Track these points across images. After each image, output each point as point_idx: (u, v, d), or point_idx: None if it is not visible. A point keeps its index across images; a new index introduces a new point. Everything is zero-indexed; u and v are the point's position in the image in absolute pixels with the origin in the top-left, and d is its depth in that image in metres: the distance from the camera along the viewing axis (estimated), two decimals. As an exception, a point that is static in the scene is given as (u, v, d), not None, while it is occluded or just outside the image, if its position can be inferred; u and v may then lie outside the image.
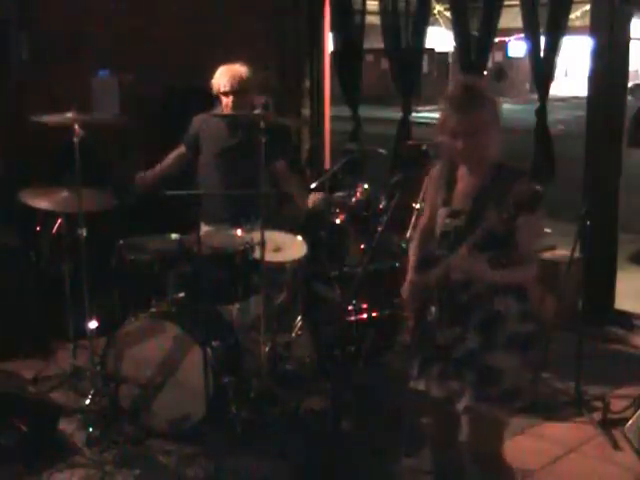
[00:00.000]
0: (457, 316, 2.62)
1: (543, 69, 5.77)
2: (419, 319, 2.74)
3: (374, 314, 4.56)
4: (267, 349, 4.20)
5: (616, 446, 3.76)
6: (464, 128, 2.54)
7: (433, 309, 2.65)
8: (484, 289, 2.57)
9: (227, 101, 4.37)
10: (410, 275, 2.81)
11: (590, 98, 5.37)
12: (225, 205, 4.45)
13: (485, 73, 6.89)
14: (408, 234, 4.56)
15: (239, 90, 4.34)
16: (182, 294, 3.99)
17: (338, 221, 4.97)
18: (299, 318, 4.98)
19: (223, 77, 4.36)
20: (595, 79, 5.28)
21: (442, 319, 2.64)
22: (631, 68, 5.31)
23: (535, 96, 5.94)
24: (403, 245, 4.83)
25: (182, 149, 4.62)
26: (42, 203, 4.01)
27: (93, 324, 4.06)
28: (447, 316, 2.63)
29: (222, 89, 4.36)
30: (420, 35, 6.90)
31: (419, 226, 2.95)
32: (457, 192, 2.69)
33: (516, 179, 2.48)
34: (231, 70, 4.37)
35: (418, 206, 4.46)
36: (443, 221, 2.69)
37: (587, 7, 6.49)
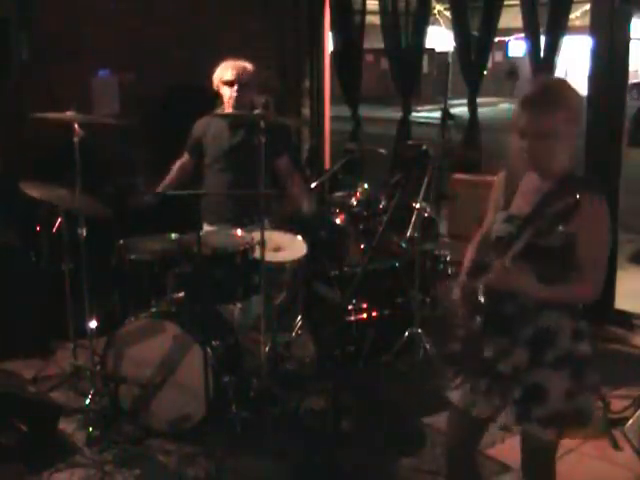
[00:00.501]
0: (503, 328, 2.48)
1: (543, 69, 5.77)
2: (466, 327, 2.60)
3: (374, 314, 4.57)
4: (267, 349, 4.21)
5: (616, 446, 3.76)
6: (533, 129, 2.38)
7: (478, 318, 2.51)
8: (532, 302, 2.44)
9: (231, 91, 4.32)
10: (461, 279, 2.67)
11: (590, 98, 5.37)
12: (228, 205, 4.45)
13: (485, 73, 6.90)
14: (408, 234, 4.57)
15: (243, 82, 4.31)
16: (182, 294, 3.99)
17: (338, 221, 4.98)
18: (299, 318, 4.98)
19: (227, 68, 4.34)
20: (595, 79, 5.28)
21: (487, 330, 2.50)
22: (631, 68, 5.30)
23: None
24: (403, 245, 4.84)
25: (185, 158, 4.61)
26: (41, 194, 4.00)
27: (93, 324, 4.06)
28: (492, 327, 2.49)
29: (225, 78, 4.32)
30: (420, 35, 6.92)
31: (481, 229, 2.79)
32: (518, 197, 2.54)
33: (582, 191, 2.29)
34: (235, 63, 4.35)
35: (418, 206, 4.46)
36: (499, 225, 2.56)
37: (587, 7, 6.49)
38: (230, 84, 4.33)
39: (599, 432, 3.79)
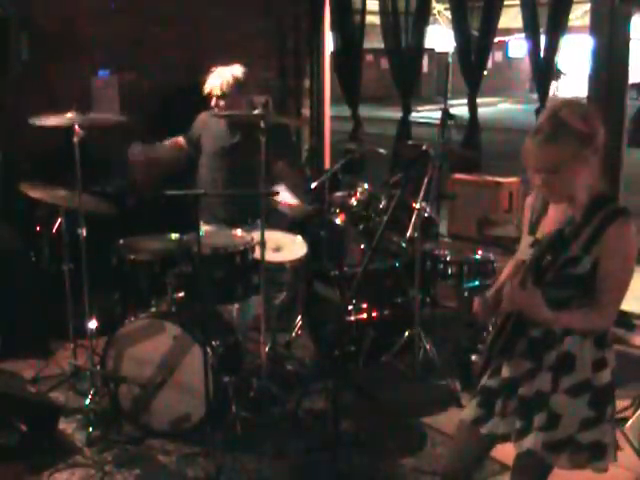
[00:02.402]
0: (528, 351, 2.43)
1: (543, 69, 5.77)
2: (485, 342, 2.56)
3: (374, 314, 4.57)
4: (267, 349, 4.21)
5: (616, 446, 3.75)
6: (542, 164, 2.29)
7: (490, 335, 2.48)
8: (558, 327, 2.38)
9: (217, 103, 4.39)
10: (488, 294, 2.59)
11: (590, 98, 5.37)
12: (225, 205, 4.46)
13: (485, 73, 6.90)
14: (408, 234, 4.56)
15: (229, 94, 4.34)
16: (182, 294, 3.99)
17: (338, 221, 4.98)
18: (299, 318, 4.99)
19: (214, 80, 4.37)
20: (595, 79, 5.28)
21: (511, 351, 2.45)
22: (631, 68, 5.30)
23: (535, 96, 5.94)
24: (403, 245, 4.84)
25: (181, 139, 4.60)
26: (41, 195, 4.00)
27: (93, 324, 4.06)
28: (518, 349, 2.44)
29: (213, 92, 4.37)
30: (420, 35, 6.91)
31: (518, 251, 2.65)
32: (545, 221, 2.46)
33: (610, 221, 2.27)
34: (221, 73, 4.37)
35: (418, 206, 4.46)
36: (525, 249, 2.46)
37: (587, 7, 6.49)
38: (217, 97, 4.37)
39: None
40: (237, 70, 4.40)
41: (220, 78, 4.35)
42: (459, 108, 8.34)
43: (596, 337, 2.40)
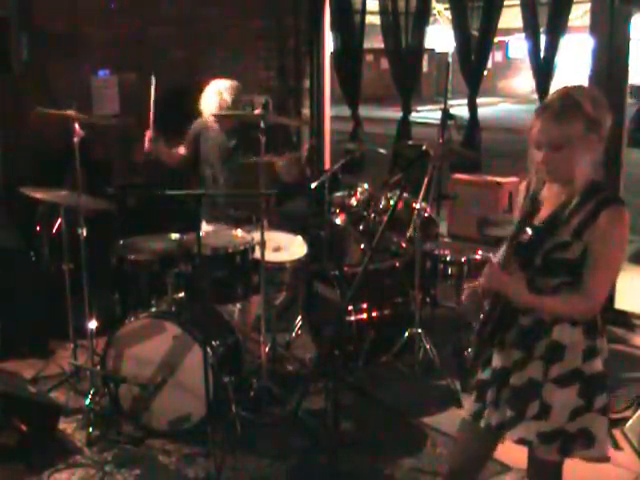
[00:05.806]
0: (519, 340, 2.42)
1: (543, 69, 5.77)
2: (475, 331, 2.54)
3: (374, 314, 4.57)
4: (267, 349, 4.21)
5: (616, 446, 3.75)
6: (547, 140, 2.28)
7: (478, 323, 2.46)
8: (547, 315, 2.36)
9: (213, 121, 4.52)
10: (476, 281, 2.54)
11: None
12: (225, 205, 4.47)
13: (485, 73, 6.91)
14: (408, 234, 4.57)
15: (225, 116, 4.46)
16: (182, 294, 3.99)
17: (338, 221, 4.98)
18: (299, 318, 4.99)
19: (209, 103, 4.51)
20: (595, 79, 5.28)
21: (502, 340, 2.44)
22: (631, 68, 5.31)
23: (535, 96, 5.93)
24: (403, 245, 4.84)
25: (181, 149, 4.64)
26: (42, 196, 4.00)
27: (93, 324, 4.07)
28: (508, 338, 2.43)
29: (206, 112, 4.51)
30: (420, 35, 6.92)
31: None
32: (543, 208, 2.43)
33: (603, 206, 2.26)
34: (216, 95, 4.49)
35: (418, 206, 4.46)
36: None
37: (587, 7, 6.49)
38: (214, 116, 4.48)
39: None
40: (229, 92, 4.48)
41: (211, 101, 4.48)
42: (459, 108, 8.35)
43: (586, 326, 2.37)
